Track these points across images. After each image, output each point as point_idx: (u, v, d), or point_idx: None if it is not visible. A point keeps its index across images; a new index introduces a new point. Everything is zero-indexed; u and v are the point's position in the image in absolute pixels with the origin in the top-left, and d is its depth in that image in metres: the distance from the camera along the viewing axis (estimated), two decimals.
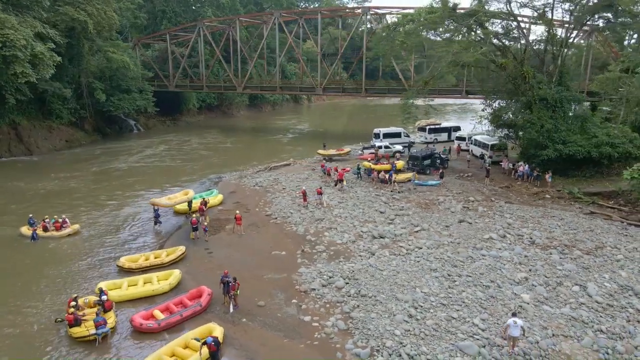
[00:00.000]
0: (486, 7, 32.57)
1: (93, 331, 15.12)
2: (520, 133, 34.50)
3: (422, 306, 16.42)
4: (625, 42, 50.44)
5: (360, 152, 43.51)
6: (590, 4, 31.29)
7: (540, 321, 15.28)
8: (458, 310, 16.13)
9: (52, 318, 16.69)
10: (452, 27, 32.80)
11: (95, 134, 58.37)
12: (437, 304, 16.57)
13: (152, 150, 50.90)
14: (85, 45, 52.39)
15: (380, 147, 41.76)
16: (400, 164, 34.84)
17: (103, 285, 18.42)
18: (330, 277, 19.11)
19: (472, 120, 42.63)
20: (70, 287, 19.37)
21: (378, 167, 34.38)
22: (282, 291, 18.50)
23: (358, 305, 16.87)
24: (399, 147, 42.60)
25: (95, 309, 16.60)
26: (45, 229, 24.45)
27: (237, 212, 25.41)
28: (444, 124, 51.33)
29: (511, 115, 33.77)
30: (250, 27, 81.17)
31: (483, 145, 38.97)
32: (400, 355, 13.93)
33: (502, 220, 24.67)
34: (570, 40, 33.49)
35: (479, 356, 13.70)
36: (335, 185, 31.99)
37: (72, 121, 54.33)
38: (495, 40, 32.86)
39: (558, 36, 32.91)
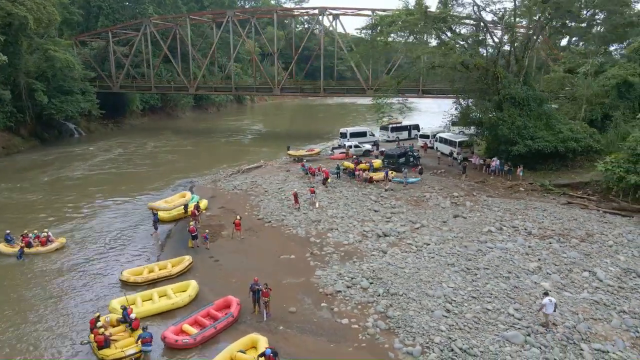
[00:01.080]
0: (453, 12, 33.99)
1: (132, 351, 13.98)
2: (486, 131, 36.37)
3: (455, 301, 16.86)
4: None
5: (330, 152, 43.69)
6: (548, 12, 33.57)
7: (567, 307, 16.23)
8: (489, 302, 16.74)
9: (75, 341, 15.29)
10: (424, 30, 33.84)
11: (33, 139, 53.67)
12: (468, 297, 17.09)
13: (106, 156, 47.73)
14: (24, 43, 48.03)
15: (350, 147, 42.25)
16: (377, 162, 35.39)
17: (116, 302, 17.12)
18: (352, 278, 19.07)
19: (444, 119, 44.21)
20: (78, 307, 17.80)
21: (349, 165, 34.79)
22: (306, 295, 18.18)
23: (391, 305, 16.98)
24: (368, 147, 43.30)
25: (119, 328, 15.40)
26: (28, 245, 22.16)
27: (238, 217, 24.65)
28: (404, 123, 52.84)
29: (480, 114, 35.33)
30: (195, 26, 78.47)
31: (450, 143, 40.61)
32: (452, 350, 14.22)
33: (493, 214, 25.90)
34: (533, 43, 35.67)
35: (526, 344, 14.32)
36: (324, 184, 32.03)
37: (8, 126, 49.59)
38: (464, 43, 34.42)
39: (522, 39, 35.07)
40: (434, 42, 36.62)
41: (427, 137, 45.84)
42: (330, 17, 56.58)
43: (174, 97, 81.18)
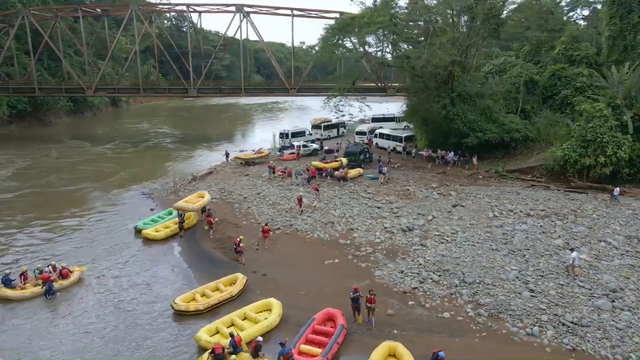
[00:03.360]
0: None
1: None
2: (430, 126, 39.32)
3: (529, 281, 18.28)
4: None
5: (278, 153, 42.67)
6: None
7: (616, 274, 18.74)
8: (555, 278, 18.53)
9: None
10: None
11: None
12: (537, 277, 18.67)
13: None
14: None
15: (299, 147, 41.89)
16: (344, 161, 35.74)
17: (204, 333, 14.94)
18: (417, 274, 19.39)
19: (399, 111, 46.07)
20: (160, 349, 15.08)
21: (328, 165, 34.71)
22: (388, 297, 18.00)
23: (475, 293, 17.75)
24: (315, 146, 43.37)
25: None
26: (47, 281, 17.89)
27: (265, 224, 23.44)
28: (334, 121, 53.90)
29: (434, 109, 37.60)
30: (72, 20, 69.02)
31: (394, 138, 42.78)
32: (564, 324, 15.56)
33: (482, 200, 28.30)
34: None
35: (615, 309, 16.31)
36: (309, 181, 32.16)
37: None
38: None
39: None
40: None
41: (363, 133, 47.53)
42: (251, 17, 54.99)
43: (47, 100, 70.45)
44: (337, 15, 53.36)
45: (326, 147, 43.89)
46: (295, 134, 45.88)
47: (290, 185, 32.52)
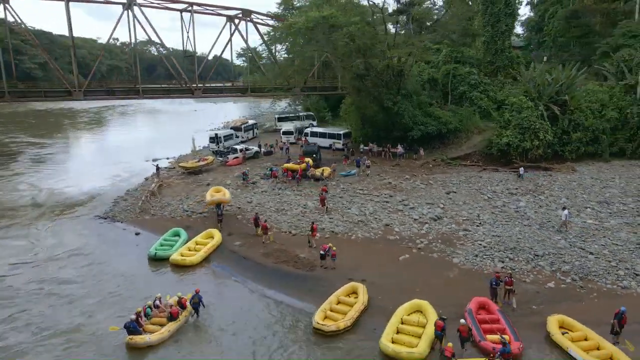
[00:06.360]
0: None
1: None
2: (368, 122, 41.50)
3: (583, 249, 21.41)
4: None
5: (220, 159, 39.44)
6: None
7: (624, 230, 23.42)
8: (594, 241, 22.15)
9: None
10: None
11: None
12: (581, 242, 22.09)
13: None
14: None
15: (241, 150, 39.71)
16: (310, 161, 35.23)
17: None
18: (491, 255, 21.11)
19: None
20: None
21: (292, 166, 33.87)
22: (483, 279, 19.14)
23: (553, 263, 20.28)
24: (256, 148, 41.52)
25: None
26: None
27: (313, 223, 22.99)
28: (250, 122, 51.84)
29: (386, 105, 39.39)
30: None
31: (330, 135, 43.60)
32: (637, 274, 19.11)
33: (462, 185, 31.41)
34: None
35: None
36: (298, 182, 32.03)
37: None
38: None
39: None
40: None
41: (290, 133, 47.16)
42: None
43: None
44: (239, 12, 52.09)
45: (263, 149, 42.51)
46: (226, 137, 43.15)
47: (273, 188, 31.00)
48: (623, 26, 49.80)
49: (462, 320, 14.74)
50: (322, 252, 20.14)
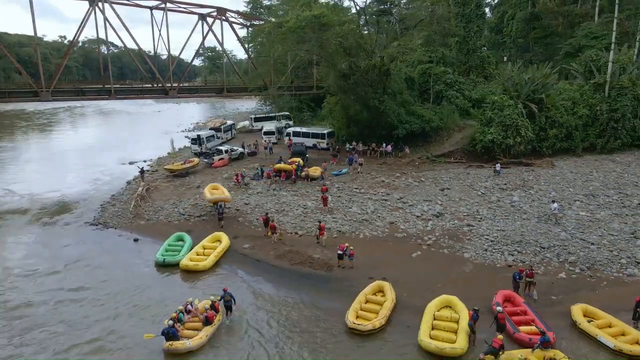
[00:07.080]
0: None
1: None
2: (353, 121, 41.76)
3: (584, 240, 22.41)
4: None
5: (206, 160, 38.39)
6: None
7: (616, 220, 24.68)
8: (592, 232, 23.20)
9: None
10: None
11: None
12: (580, 232, 23.11)
13: None
14: None
15: (226, 151, 38.90)
16: (301, 161, 35.00)
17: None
18: (500, 249, 21.75)
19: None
20: None
21: (285, 167, 33.54)
22: (497, 273, 19.81)
23: (559, 254, 21.11)
24: (241, 149, 40.76)
25: None
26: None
27: (320, 222, 22.78)
28: (228, 123, 50.72)
29: (371, 104, 39.45)
30: None
31: (314, 135, 43.43)
32: (638, 262, 20.23)
33: (453, 182, 32.11)
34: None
35: None
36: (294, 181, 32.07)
37: None
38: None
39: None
40: None
41: (272, 133, 46.61)
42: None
43: None
44: (214, 10, 50.97)
45: (247, 150, 41.84)
46: (209, 139, 42.13)
47: (268, 189, 30.58)
48: (585, 27, 52.66)
49: (499, 308, 15.10)
50: (339, 252, 20.07)
